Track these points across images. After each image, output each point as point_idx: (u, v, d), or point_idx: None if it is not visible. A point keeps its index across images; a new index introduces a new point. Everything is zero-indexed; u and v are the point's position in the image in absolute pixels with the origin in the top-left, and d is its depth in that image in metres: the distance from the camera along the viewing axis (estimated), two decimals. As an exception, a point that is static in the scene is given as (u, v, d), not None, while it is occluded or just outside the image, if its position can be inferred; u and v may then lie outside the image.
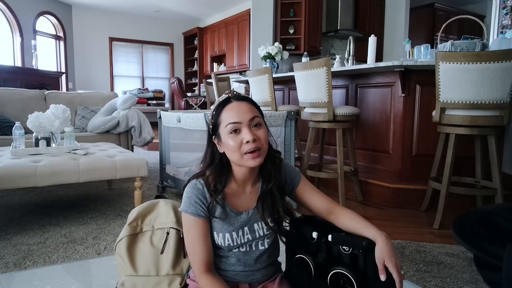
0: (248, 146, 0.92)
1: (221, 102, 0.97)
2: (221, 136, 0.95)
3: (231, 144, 0.93)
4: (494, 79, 1.92)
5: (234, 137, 0.92)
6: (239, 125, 0.93)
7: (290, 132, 2.47)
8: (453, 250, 1.80)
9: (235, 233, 0.99)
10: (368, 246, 0.90)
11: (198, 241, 0.96)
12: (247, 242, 1.00)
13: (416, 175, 2.66)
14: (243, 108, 0.95)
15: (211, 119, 0.98)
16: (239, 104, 0.95)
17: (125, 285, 1.13)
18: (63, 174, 2.00)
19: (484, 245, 0.80)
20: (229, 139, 0.93)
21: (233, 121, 0.93)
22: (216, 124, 0.96)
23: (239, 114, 0.93)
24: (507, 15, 4.44)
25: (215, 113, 0.97)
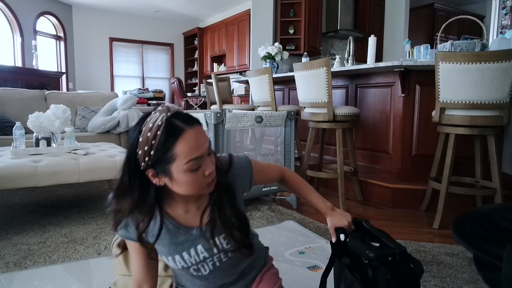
0: (209, 178, 0.79)
1: (170, 131, 0.74)
2: (172, 173, 0.76)
3: (191, 181, 0.77)
4: (494, 79, 1.92)
5: (194, 173, 0.76)
6: (201, 159, 0.77)
7: (290, 132, 2.47)
8: (452, 250, 1.81)
9: (186, 253, 0.87)
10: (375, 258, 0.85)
11: (133, 256, 0.89)
12: (204, 260, 0.89)
13: (415, 175, 2.66)
14: (199, 135, 0.77)
15: (147, 151, 0.74)
16: (195, 132, 0.76)
17: (117, 284, 1.14)
18: (64, 174, 2.01)
19: (484, 245, 0.80)
20: (188, 177, 0.76)
21: (195, 156, 0.75)
22: (163, 160, 0.75)
23: (199, 145, 0.76)
24: (507, 15, 4.44)
25: (161, 146, 0.74)
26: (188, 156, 0.75)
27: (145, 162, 0.76)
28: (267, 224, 2.16)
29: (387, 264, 0.86)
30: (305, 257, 1.71)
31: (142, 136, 0.75)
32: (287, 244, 1.85)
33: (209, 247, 0.88)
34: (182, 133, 0.75)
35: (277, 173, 1.07)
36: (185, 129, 0.75)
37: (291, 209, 2.46)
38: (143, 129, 0.75)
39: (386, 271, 0.85)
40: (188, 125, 0.76)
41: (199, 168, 0.77)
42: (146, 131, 0.74)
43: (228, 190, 0.88)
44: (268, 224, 2.16)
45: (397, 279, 0.86)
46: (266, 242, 1.87)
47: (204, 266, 0.90)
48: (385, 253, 0.86)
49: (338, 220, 1.02)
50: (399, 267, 0.86)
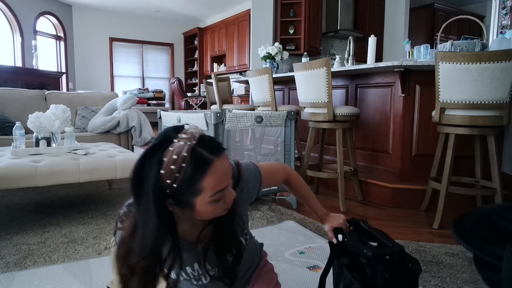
0: (228, 205, 0.75)
1: (197, 164, 0.67)
2: (195, 205, 0.71)
3: (212, 211, 0.73)
4: (494, 79, 1.92)
5: (217, 203, 0.72)
6: (226, 189, 0.73)
7: (290, 132, 2.47)
8: (452, 250, 1.81)
9: (190, 268, 0.85)
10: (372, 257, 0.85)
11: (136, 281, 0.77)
12: (206, 272, 0.87)
13: (415, 175, 2.66)
14: (226, 166, 0.72)
15: (170, 183, 0.67)
16: (222, 163, 0.70)
17: (115, 283, 1.14)
18: (64, 174, 2.01)
19: (484, 245, 0.80)
20: (210, 208, 0.72)
21: (222, 188, 0.71)
22: (187, 193, 0.69)
23: (225, 177, 0.71)
24: (507, 15, 4.45)
25: (186, 180, 0.67)
26: (214, 189, 0.70)
27: (166, 194, 0.68)
28: (267, 224, 2.16)
29: (384, 263, 0.86)
30: (305, 257, 1.71)
31: (164, 169, 0.66)
32: (287, 244, 1.85)
33: (213, 261, 0.85)
34: (210, 166, 0.68)
35: (283, 177, 1.04)
36: (213, 161, 0.69)
37: (291, 209, 2.46)
38: (165, 160, 0.67)
39: (384, 270, 0.85)
40: (215, 155, 0.69)
41: (223, 198, 0.73)
42: (170, 163, 0.66)
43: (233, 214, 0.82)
44: (268, 224, 2.16)
45: (395, 277, 0.86)
46: (266, 242, 1.86)
47: (205, 276, 0.89)
48: (383, 252, 0.86)
49: (333, 221, 1.07)
50: (396, 266, 0.86)
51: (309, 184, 3.13)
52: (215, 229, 0.81)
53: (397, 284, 0.86)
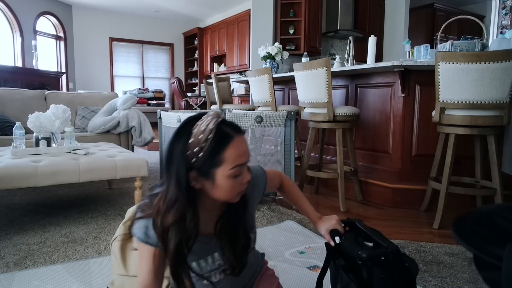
0: (244, 186, 0.81)
1: (221, 136, 0.77)
2: (215, 176, 0.77)
3: (229, 187, 0.78)
4: (494, 79, 1.92)
5: (234, 180, 0.79)
6: (244, 167, 0.80)
7: (290, 132, 2.47)
8: (452, 250, 1.81)
9: (203, 261, 0.89)
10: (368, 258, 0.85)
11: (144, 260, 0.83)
12: (219, 267, 0.90)
13: (415, 175, 2.66)
14: (244, 144, 0.80)
15: (197, 152, 0.75)
16: (240, 140, 0.79)
17: (114, 284, 1.14)
18: (64, 174, 2.00)
19: (484, 245, 0.80)
20: (229, 182, 0.78)
21: (241, 162, 0.78)
22: (210, 163, 0.76)
23: (243, 153, 0.79)
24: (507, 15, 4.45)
25: (211, 149, 0.76)
26: (234, 162, 0.77)
27: (192, 164, 0.76)
28: (267, 224, 2.16)
29: (380, 264, 0.86)
30: (305, 257, 1.71)
31: (193, 137, 0.76)
32: (287, 244, 1.85)
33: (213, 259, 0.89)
34: (232, 140, 0.77)
35: (279, 180, 1.11)
36: (234, 136, 0.78)
37: (291, 209, 2.46)
38: (194, 131, 0.76)
39: (379, 271, 0.85)
40: (236, 132, 0.79)
41: (240, 175, 0.79)
42: (198, 133, 0.76)
43: (244, 204, 0.89)
44: (268, 224, 2.16)
45: (391, 278, 0.86)
46: (266, 242, 1.87)
47: (215, 274, 0.91)
48: (378, 253, 0.86)
49: (327, 222, 1.04)
50: (392, 266, 0.86)
51: (309, 184, 3.13)
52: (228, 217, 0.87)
53: (393, 285, 0.86)
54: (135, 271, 1.12)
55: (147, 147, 5.13)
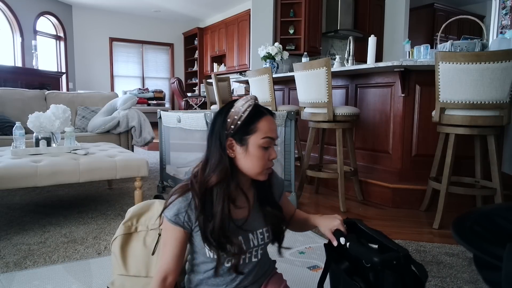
0: (271, 163, 0.92)
1: (256, 111, 0.91)
2: (248, 144, 0.89)
3: (259, 157, 0.89)
4: (494, 79, 1.92)
5: (264, 151, 0.90)
6: (272, 142, 0.91)
7: (290, 132, 2.47)
8: (452, 250, 1.81)
9: (242, 237, 0.95)
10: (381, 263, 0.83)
11: (170, 244, 0.91)
12: (253, 247, 0.97)
13: (415, 175, 2.66)
14: (274, 125, 0.93)
15: (237, 120, 0.89)
16: (272, 120, 0.93)
17: (115, 284, 1.14)
18: (64, 174, 2.01)
19: (484, 245, 0.80)
20: (259, 152, 0.89)
21: (272, 136, 0.90)
22: (246, 130, 0.89)
23: (274, 131, 0.92)
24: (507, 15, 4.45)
25: (248, 118, 0.89)
26: (266, 133, 0.89)
27: (230, 130, 0.89)
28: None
29: (392, 268, 0.84)
30: (305, 257, 1.71)
31: (234, 109, 0.90)
32: (287, 244, 1.85)
33: (247, 240, 0.96)
34: (265, 116, 0.91)
35: (293, 210, 1.15)
36: (266, 114, 0.92)
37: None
38: (235, 105, 0.91)
39: (391, 275, 0.84)
40: (268, 112, 0.93)
41: (268, 149, 0.91)
42: (239, 105, 0.90)
43: (271, 187, 1.02)
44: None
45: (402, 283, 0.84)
46: (266, 242, 1.87)
47: (244, 258, 0.96)
48: (391, 257, 0.84)
49: (330, 221, 1.03)
50: (403, 270, 0.85)
51: (309, 184, 3.13)
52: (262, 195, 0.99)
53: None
54: (135, 271, 1.12)
55: (147, 147, 5.13)
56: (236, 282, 0.97)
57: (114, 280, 1.14)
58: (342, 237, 0.96)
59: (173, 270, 0.92)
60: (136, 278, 1.12)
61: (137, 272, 1.12)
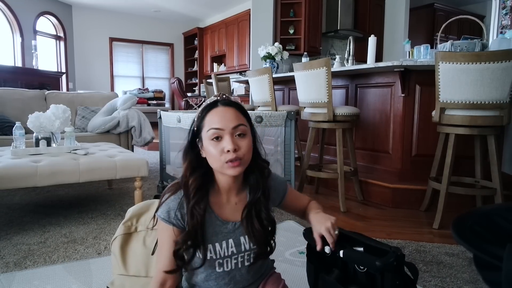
0: (228, 155, 0.86)
1: (207, 105, 0.92)
2: (202, 140, 0.90)
3: (212, 151, 0.88)
4: (494, 79, 1.92)
5: (216, 144, 0.87)
6: (221, 132, 0.87)
7: (290, 132, 2.47)
8: (452, 250, 1.81)
9: (219, 245, 0.93)
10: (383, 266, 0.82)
11: (166, 244, 0.90)
12: (231, 255, 0.94)
13: (415, 175, 2.66)
14: (228, 114, 0.89)
15: (196, 120, 0.92)
16: (224, 110, 0.89)
17: (114, 284, 1.14)
18: (63, 174, 2.00)
19: (484, 245, 0.80)
20: (210, 146, 0.88)
21: (215, 126, 0.87)
22: (199, 127, 0.91)
23: (222, 120, 0.88)
24: (507, 15, 4.45)
25: (200, 115, 0.91)
26: (210, 125, 0.88)
27: (194, 132, 0.92)
28: (267, 224, 2.16)
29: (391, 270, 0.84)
30: (305, 257, 1.70)
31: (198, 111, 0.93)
32: (287, 244, 1.85)
33: (238, 243, 0.94)
34: (214, 108, 0.90)
35: (306, 203, 1.12)
36: (217, 106, 0.90)
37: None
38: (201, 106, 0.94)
39: (390, 276, 0.84)
40: (222, 104, 0.91)
41: (220, 140, 0.88)
42: (202, 106, 0.93)
43: (265, 194, 0.96)
44: (268, 224, 2.16)
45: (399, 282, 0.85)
46: (266, 242, 1.87)
47: (228, 262, 0.94)
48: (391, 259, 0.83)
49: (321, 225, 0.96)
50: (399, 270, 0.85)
51: (309, 184, 3.13)
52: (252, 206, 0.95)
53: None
54: (135, 271, 1.12)
55: (147, 147, 5.13)
56: (230, 285, 0.96)
57: (114, 280, 1.14)
58: (327, 246, 0.92)
59: (171, 271, 0.91)
60: (135, 278, 1.12)
61: (137, 272, 1.12)
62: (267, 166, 1.00)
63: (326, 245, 0.93)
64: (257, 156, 0.97)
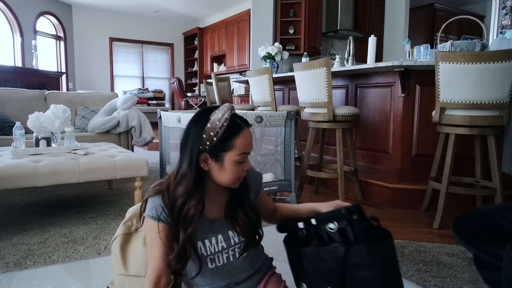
0: (244, 174, 0.91)
1: (233, 125, 0.88)
2: (224, 160, 0.89)
3: (233, 172, 0.89)
4: (494, 79, 1.92)
5: (239, 166, 0.89)
6: (247, 156, 0.91)
7: (290, 132, 2.47)
8: (452, 250, 1.81)
9: (208, 241, 0.95)
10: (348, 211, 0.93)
11: (156, 242, 0.90)
12: (222, 250, 0.96)
13: (415, 175, 2.66)
14: (250, 137, 0.91)
15: (213, 136, 0.87)
16: (249, 133, 0.91)
17: (114, 283, 1.14)
18: (63, 174, 2.01)
19: (484, 245, 0.80)
20: (234, 167, 0.89)
21: (247, 151, 0.90)
22: (222, 146, 0.88)
23: (250, 143, 0.90)
24: (507, 15, 4.45)
25: (224, 134, 0.87)
26: (242, 149, 0.88)
27: (205, 146, 0.88)
28: (267, 224, 2.16)
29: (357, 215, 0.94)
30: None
31: (210, 124, 0.87)
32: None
33: (227, 238, 0.97)
34: (242, 130, 0.89)
35: (272, 203, 1.15)
36: (243, 128, 0.90)
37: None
38: (212, 118, 0.88)
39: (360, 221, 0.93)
40: (245, 125, 0.91)
41: (243, 163, 0.90)
42: (215, 120, 0.87)
43: (247, 189, 1.00)
44: (268, 224, 2.16)
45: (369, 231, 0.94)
46: (266, 242, 1.86)
47: (219, 257, 0.96)
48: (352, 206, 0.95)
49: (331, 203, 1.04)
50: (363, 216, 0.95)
51: (309, 184, 3.13)
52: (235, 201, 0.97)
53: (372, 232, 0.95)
54: (135, 271, 1.12)
55: (147, 147, 5.13)
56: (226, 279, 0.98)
57: (114, 280, 1.14)
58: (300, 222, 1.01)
59: (165, 270, 0.90)
60: (135, 278, 1.12)
61: (137, 272, 1.12)
62: None
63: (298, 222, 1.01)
64: None
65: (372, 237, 0.94)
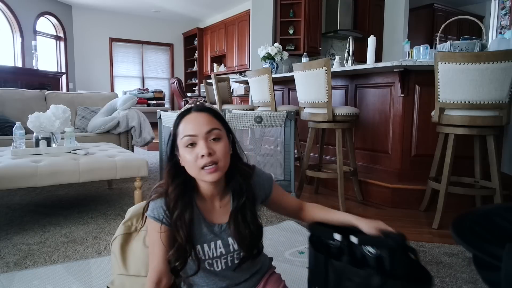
0: (203, 160, 0.86)
1: (180, 113, 0.92)
2: (179, 149, 0.90)
3: (187, 157, 0.88)
4: (493, 79, 1.93)
5: (191, 150, 0.87)
6: (195, 138, 0.87)
7: (290, 132, 2.47)
8: (452, 250, 1.81)
9: (207, 245, 0.94)
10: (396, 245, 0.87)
11: (157, 243, 0.91)
12: (220, 256, 0.95)
13: (415, 175, 2.67)
14: (201, 119, 0.89)
15: (172, 129, 0.93)
16: (197, 116, 0.90)
17: (114, 283, 1.14)
18: (63, 174, 2.01)
19: (483, 245, 0.80)
20: (185, 153, 0.88)
21: (189, 133, 0.87)
22: (175, 135, 0.92)
23: (195, 126, 0.88)
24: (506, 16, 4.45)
25: (175, 124, 0.91)
26: (184, 132, 0.88)
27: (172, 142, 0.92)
28: (267, 224, 2.17)
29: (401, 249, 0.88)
30: (305, 257, 1.71)
31: None
32: (287, 244, 1.86)
33: (227, 244, 0.95)
34: (187, 115, 0.91)
35: (296, 202, 1.10)
36: (190, 112, 0.91)
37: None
38: None
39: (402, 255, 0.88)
40: (195, 110, 0.91)
41: (194, 146, 0.88)
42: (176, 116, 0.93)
43: (251, 196, 0.96)
44: (268, 224, 2.17)
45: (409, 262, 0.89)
46: (266, 242, 1.86)
47: (217, 262, 0.95)
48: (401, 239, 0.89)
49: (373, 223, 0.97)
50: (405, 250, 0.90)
51: (309, 184, 3.13)
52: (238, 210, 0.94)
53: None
54: (135, 271, 1.13)
55: (147, 147, 5.13)
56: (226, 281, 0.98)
57: (114, 280, 1.15)
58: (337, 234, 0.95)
59: (166, 271, 0.91)
60: (136, 278, 1.12)
61: (137, 272, 1.12)
62: (249, 171, 0.99)
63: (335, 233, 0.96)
64: (238, 160, 0.96)
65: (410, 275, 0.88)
